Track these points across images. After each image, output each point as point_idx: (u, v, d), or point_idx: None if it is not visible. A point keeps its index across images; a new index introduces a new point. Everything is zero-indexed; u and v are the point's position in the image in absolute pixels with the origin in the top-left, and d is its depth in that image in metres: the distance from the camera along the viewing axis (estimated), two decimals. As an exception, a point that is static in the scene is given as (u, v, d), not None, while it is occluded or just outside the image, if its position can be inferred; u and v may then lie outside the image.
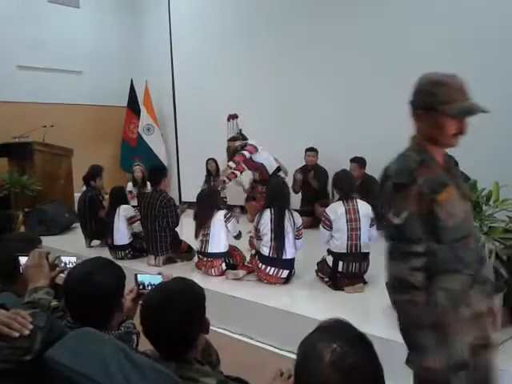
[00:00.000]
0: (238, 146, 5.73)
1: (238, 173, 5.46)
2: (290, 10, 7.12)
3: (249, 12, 7.76)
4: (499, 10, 5.23)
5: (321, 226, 3.98)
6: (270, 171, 5.73)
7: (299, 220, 4.12)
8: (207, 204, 4.50)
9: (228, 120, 6.11)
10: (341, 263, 3.82)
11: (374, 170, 6.09)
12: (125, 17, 9.93)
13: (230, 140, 5.93)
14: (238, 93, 7.83)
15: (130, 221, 5.21)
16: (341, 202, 3.90)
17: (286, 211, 4.05)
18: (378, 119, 6.23)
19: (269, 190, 4.33)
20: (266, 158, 5.74)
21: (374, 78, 6.23)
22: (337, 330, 1.09)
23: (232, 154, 5.76)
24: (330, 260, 3.89)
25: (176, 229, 4.99)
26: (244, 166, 5.65)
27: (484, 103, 5.39)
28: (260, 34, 7.54)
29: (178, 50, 9.11)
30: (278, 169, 5.77)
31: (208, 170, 7.84)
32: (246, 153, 5.57)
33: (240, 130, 6.14)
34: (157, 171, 5.18)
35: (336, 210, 3.86)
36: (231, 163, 5.48)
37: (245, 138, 5.89)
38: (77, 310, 1.62)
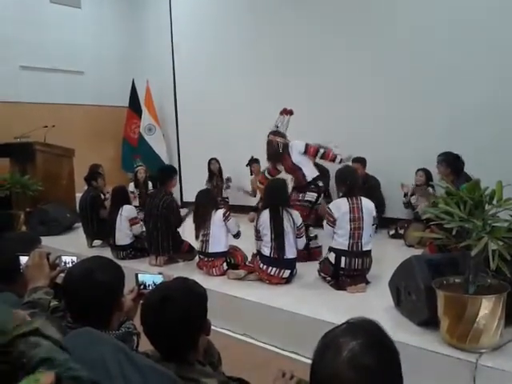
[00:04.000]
0: (278, 141, 5.06)
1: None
2: (290, 6, 7.11)
3: (250, 8, 7.75)
4: (499, 10, 5.22)
5: (325, 222, 3.96)
6: (309, 178, 5.04)
7: (299, 219, 4.10)
8: (206, 204, 4.48)
9: (281, 114, 5.38)
10: (343, 259, 3.80)
11: (375, 170, 6.10)
12: (126, 17, 9.93)
13: (276, 134, 5.19)
14: (240, 92, 7.82)
15: (131, 222, 5.19)
16: (345, 198, 3.88)
17: (285, 211, 4.03)
18: (378, 120, 6.23)
19: (267, 190, 4.30)
20: (306, 163, 5.10)
21: (374, 78, 6.24)
22: (363, 329, 1.05)
23: (271, 148, 5.12)
24: (332, 257, 3.87)
25: (178, 229, 4.98)
26: (281, 167, 5.19)
27: (485, 102, 5.43)
28: (262, 30, 7.53)
29: (179, 50, 9.11)
30: (318, 177, 5.12)
31: (211, 170, 7.83)
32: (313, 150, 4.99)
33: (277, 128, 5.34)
34: (165, 172, 5.14)
35: (340, 207, 3.84)
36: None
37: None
38: (76, 308, 1.61)
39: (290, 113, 5.33)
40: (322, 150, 5.01)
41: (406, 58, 5.94)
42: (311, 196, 4.90)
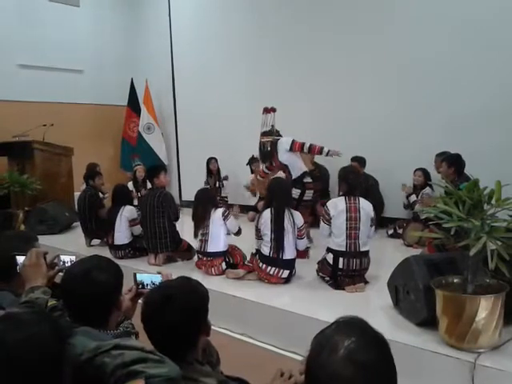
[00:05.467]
0: (265, 141, 5.21)
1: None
2: (290, 8, 7.11)
3: (250, 8, 7.74)
4: (500, 10, 5.22)
5: (321, 220, 3.97)
6: (295, 175, 5.13)
7: (300, 220, 4.08)
8: (205, 203, 4.48)
9: (263, 113, 5.48)
10: (341, 259, 3.80)
11: (374, 169, 6.10)
12: (125, 15, 9.91)
13: (263, 134, 5.33)
14: (240, 91, 7.80)
15: (132, 223, 5.18)
16: (343, 198, 3.88)
17: (286, 211, 4.02)
18: (378, 120, 6.22)
19: (269, 190, 4.29)
20: (291, 160, 5.16)
21: (372, 78, 6.24)
22: (354, 326, 1.07)
23: (260, 149, 5.29)
24: (330, 258, 3.87)
25: (176, 227, 4.98)
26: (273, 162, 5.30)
27: (485, 102, 5.44)
28: (261, 31, 7.52)
29: (179, 49, 9.10)
30: (305, 174, 5.16)
31: (209, 170, 7.81)
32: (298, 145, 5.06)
33: (272, 126, 5.43)
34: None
35: (337, 206, 3.84)
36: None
37: (279, 134, 5.34)
38: (75, 307, 1.61)
39: (273, 110, 5.41)
40: (307, 144, 5.03)
41: (406, 58, 5.93)
42: (294, 193, 4.91)
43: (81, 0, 9.35)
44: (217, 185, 7.77)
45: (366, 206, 3.88)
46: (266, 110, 5.50)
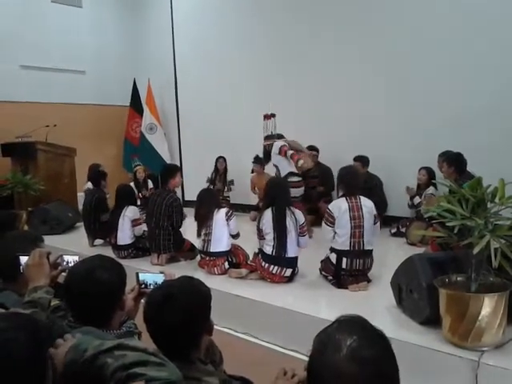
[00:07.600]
0: (267, 144, 5.84)
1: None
2: (291, 8, 7.11)
3: (252, 8, 7.74)
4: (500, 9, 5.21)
5: (323, 223, 3.94)
6: (282, 175, 5.63)
7: (301, 217, 4.08)
8: (207, 203, 4.48)
9: (264, 120, 6.05)
10: (344, 260, 3.79)
11: (377, 168, 6.08)
12: (127, 16, 9.92)
13: (265, 139, 5.97)
14: (242, 91, 7.80)
15: (134, 223, 5.19)
16: (344, 198, 3.87)
17: (287, 209, 4.02)
18: (379, 119, 6.21)
19: (268, 190, 4.29)
20: (282, 162, 5.67)
21: (374, 77, 6.23)
22: (356, 324, 1.09)
23: (265, 152, 5.92)
24: (333, 257, 3.86)
25: (179, 229, 4.98)
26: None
27: (487, 101, 5.44)
28: (263, 31, 7.52)
29: (181, 49, 9.10)
30: (289, 174, 5.60)
31: (217, 168, 7.80)
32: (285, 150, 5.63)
33: (272, 132, 6.05)
34: (165, 171, 5.15)
35: (340, 207, 3.83)
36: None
37: (280, 137, 5.94)
38: (78, 307, 1.61)
39: (272, 116, 6.03)
40: (289, 152, 5.59)
41: (407, 57, 5.93)
42: None
43: (83, 1, 9.37)
44: (224, 188, 7.74)
45: (367, 204, 3.87)
46: (266, 117, 6.00)
